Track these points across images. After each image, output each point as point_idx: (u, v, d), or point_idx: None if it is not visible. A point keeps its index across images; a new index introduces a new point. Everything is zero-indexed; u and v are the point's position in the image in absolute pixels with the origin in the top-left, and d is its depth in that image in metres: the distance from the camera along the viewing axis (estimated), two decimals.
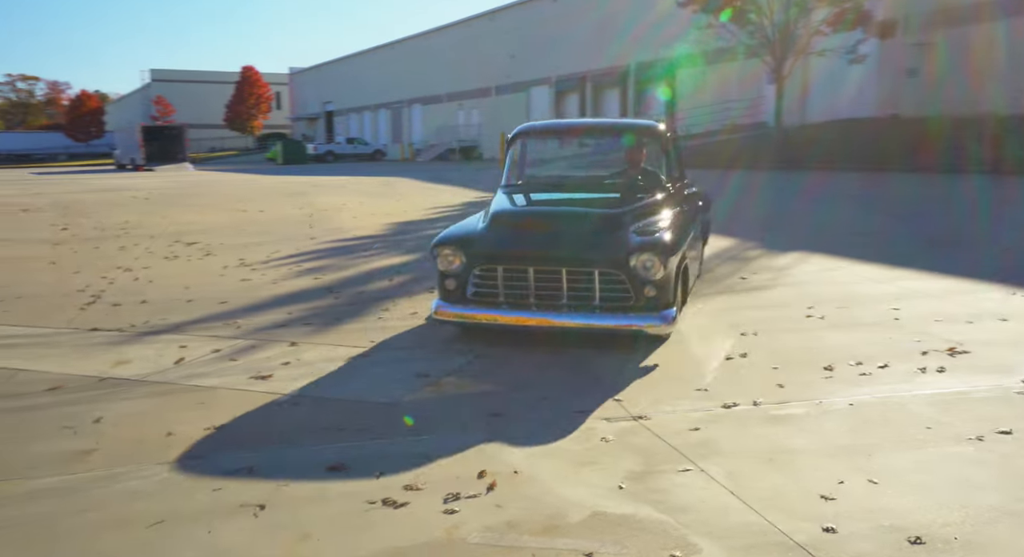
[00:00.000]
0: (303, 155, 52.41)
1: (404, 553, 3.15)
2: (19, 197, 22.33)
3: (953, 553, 3.10)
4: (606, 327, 5.62)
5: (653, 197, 6.51)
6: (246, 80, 76.10)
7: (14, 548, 3.23)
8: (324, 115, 75.93)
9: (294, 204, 18.46)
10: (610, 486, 3.73)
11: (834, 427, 4.40)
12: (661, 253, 5.55)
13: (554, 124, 8.16)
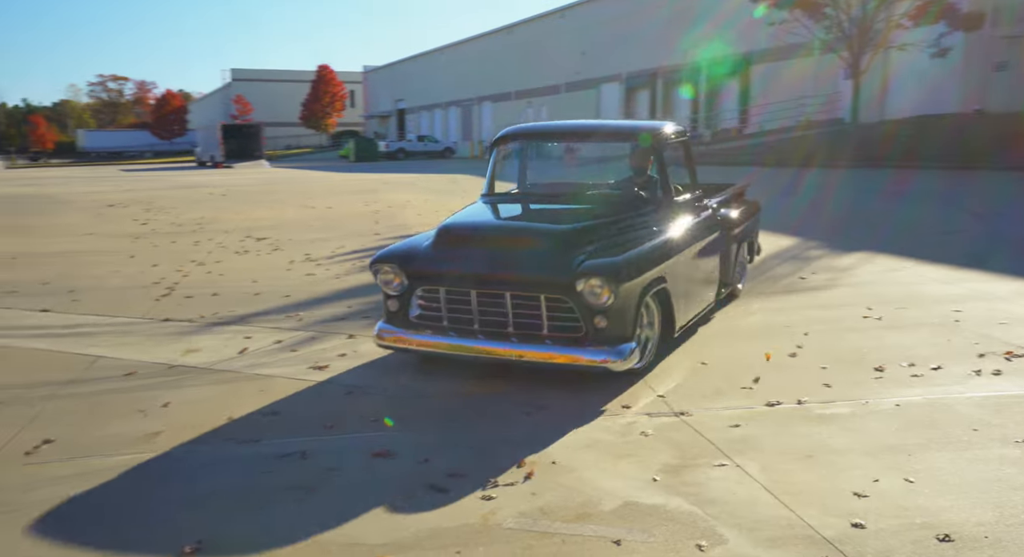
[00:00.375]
0: (375, 152, 53.38)
1: (442, 535, 3.34)
2: (109, 193, 23.42)
3: (982, 551, 3.13)
4: (553, 361, 4.92)
5: (640, 210, 5.76)
6: (321, 79, 77.75)
7: (86, 518, 3.53)
8: (396, 113, 77.08)
9: (362, 201, 18.91)
10: (645, 478, 3.85)
11: (878, 427, 4.42)
12: (610, 278, 4.78)
13: (539, 127, 7.02)
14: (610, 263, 4.89)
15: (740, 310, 7.14)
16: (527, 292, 5.00)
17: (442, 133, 66.70)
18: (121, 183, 29.67)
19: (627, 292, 4.90)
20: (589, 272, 4.80)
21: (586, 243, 5.10)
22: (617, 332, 4.90)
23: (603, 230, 5.34)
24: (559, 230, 5.23)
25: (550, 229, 5.29)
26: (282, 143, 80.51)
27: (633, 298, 4.98)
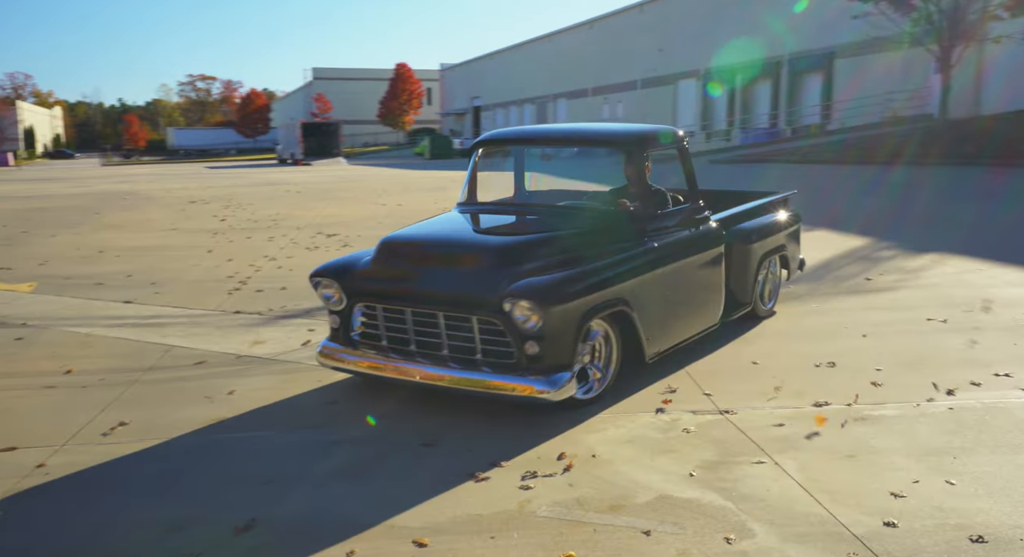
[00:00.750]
0: (449, 150, 54.05)
1: (479, 521, 3.51)
2: (192, 190, 24.43)
3: (1014, 553, 3.14)
4: (485, 388, 4.55)
5: (613, 224, 5.38)
6: (399, 77, 79.07)
7: (151, 494, 3.83)
8: (472, 110, 77.78)
9: (432, 198, 19.26)
10: (682, 473, 3.95)
11: (926, 429, 4.41)
12: (539, 300, 4.38)
13: (515, 132, 6.52)
14: (540, 283, 4.48)
15: (798, 311, 7.12)
16: (459, 313, 4.67)
17: None
18: (204, 180, 30.85)
19: (561, 316, 4.46)
20: (516, 293, 4.41)
21: (528, 260, 4.68)
22: (550, 360, 4.48)
23: (555, 245, 4.90)
24: (494, 245, 4.90)
25: (484, 244, 4.99)
26: (360, 141, 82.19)
27: (570, 323, 4.53)
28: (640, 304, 4.98)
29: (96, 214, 16.60)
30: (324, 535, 3.38)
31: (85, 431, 4.59)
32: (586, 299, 4.62)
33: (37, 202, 19.92)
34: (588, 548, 3.26)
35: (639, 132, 5.83)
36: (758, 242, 6.44)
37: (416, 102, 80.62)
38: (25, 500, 3.76)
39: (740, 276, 6.30)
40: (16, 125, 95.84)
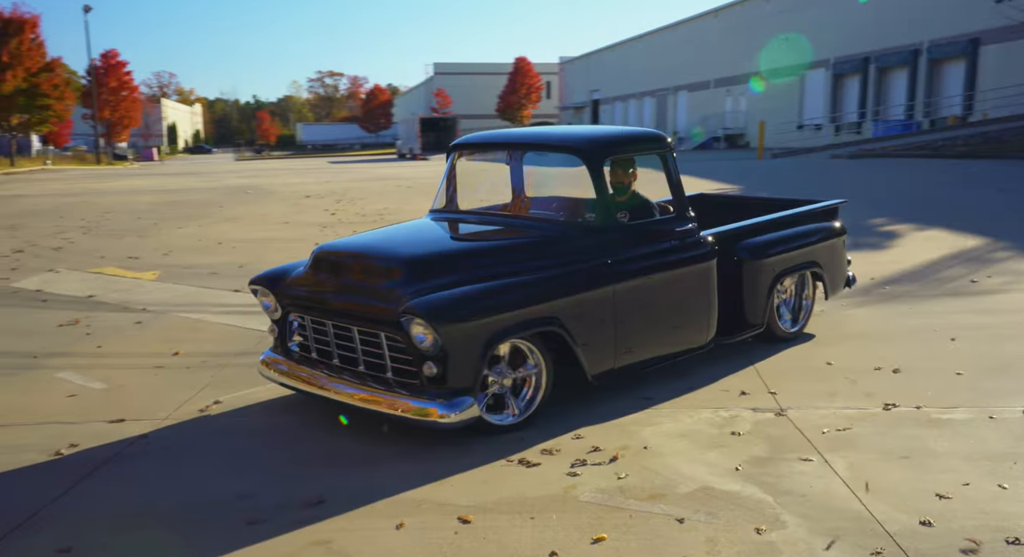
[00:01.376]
0: None
1: (523, 502, 3.77)
2: (309, 185, 25.62)
3: None
4: (389, 408, 4.37)
5: (563, 236, 5.05)
6: (518, 70, 79.91)
7: (234, 467, 4.27)
8: (591, 104, 77.73)
9: None
10: (728, 467, 4.10)
11: (992, 435, 4.39)
12: (432, 317, 4.18)
13: (486, 136, 6.05)
14: (438, 299, 4.28)
15: (890, 312, 7.04)
16: (369, 328, 4.51)
17: (636, 124, 66.52)
18: (323, 175, 32.21)
19: (460, 335, 4.24)
20: (412, 309, 4.23)
21: (440, 273, 4.51)
22: (450, 381, 4.28)
23: (480, 259, 4.78)
24: (404, 257, 4.66)
25: (396, 256, 4.70)
26: None
27: (473, 343, 4.31)
28: (583, 323, 4.74)
29: (220, 207, 17.74)
30: (378, 510, 3.72)
31: (184, 407, 5.12)
32: (495, 318, 4.37)
33: (172, 196, 21.42)
34: (621, 532, 3.47)
35: (599, 136, 5.49)
36: (771, 258, 5.91)
37: (535, 96, 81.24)
38: (126, 465, 4.28)
39: (747, 294, 5.82)
40: (161, 122, 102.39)
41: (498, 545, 3.39)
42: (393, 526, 3.55)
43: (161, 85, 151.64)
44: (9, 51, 44.88)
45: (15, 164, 46.29)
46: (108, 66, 65.78)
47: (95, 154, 58.95)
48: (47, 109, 47.55)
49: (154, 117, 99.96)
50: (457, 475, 4.07)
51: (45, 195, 22.83)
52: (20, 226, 14.88)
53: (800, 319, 6.34)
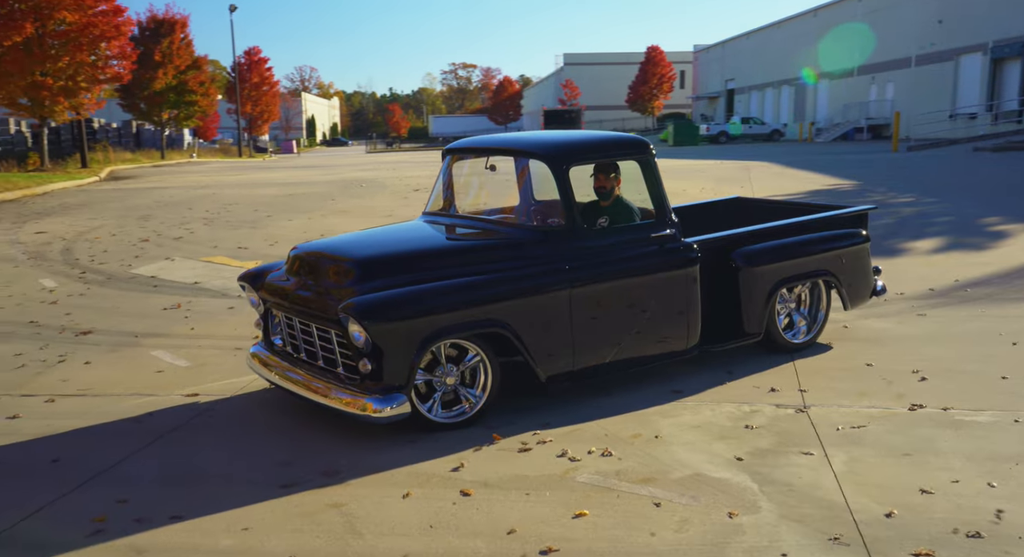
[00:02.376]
0: (694, 136, 53.52)
1: (523, 480, 4.17)
2: (422, 178, 26.53)
3: (1003, 546, 3.32)
4: (334, 401, 4.69)
5: (522, 241, 5.21)
6: (650, 60, 79.26)
7: (276, 440, 4.86)
8: (725, 93, 76.20)
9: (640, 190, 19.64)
10: (729, 457, 4.37)
11: (1008, 437, 4.48)
12: (364, 316, 4.47)
13: (475, 141, 6.29)
14: (373, 300, 4.58)
15: (961, 314, 7.00)
16: (323, 325, 4.84)
17: (773, 114, 64.83)
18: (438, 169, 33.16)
19: (392, 334, 4.53)
20: (348, 308, 4.54)
21: (385, 275, 4.81)
22: (383, 377, 4.57)
23: (434, 261, 5.03)
24: (357, 258, 4.93)
25: (351, 257, 4.96)
26: (608, 127, 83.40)
27: (408, 342, 4.57)
28: (534, 326, 4.93)
29: (332, 200, 18.80)
30: (391, 481, 4.21)
31: (251, 385, 5.77)
32: (430, 318, 4.63)
33: (292, 189, 22.79)
34: (602, 509, 3.83)
35: (565, 142, 5.60)
36: (768, 265, 5.84)
37: (667, 86, 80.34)
38: (190, 433, 4.95)
39: (743, 302, 5.80)
40: (301, 115, 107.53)
41: (487, 515, 3.81)
42: (401, 495, 4.03)
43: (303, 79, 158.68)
44: (161, 50, 48.43)
45: (165, 157, 49.87)
46: (251, 62, 69.71)
47: (237, 147, 62.63)
48: (193, 105, 51.02)
49: (294, 111, 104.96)
50: (470, 454, 4.50)
51: (181, 187, 24.74)
52: (151, 217, 16.35)
53: (813, 329, 6.23)
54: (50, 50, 31.47)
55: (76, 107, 33.37)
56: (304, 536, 3.66)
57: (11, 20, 30.06)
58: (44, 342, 7.04)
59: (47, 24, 31.26)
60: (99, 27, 32.02)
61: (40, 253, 12.00)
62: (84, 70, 32.33)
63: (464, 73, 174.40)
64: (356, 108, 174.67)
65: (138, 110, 50.27)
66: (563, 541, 3.55)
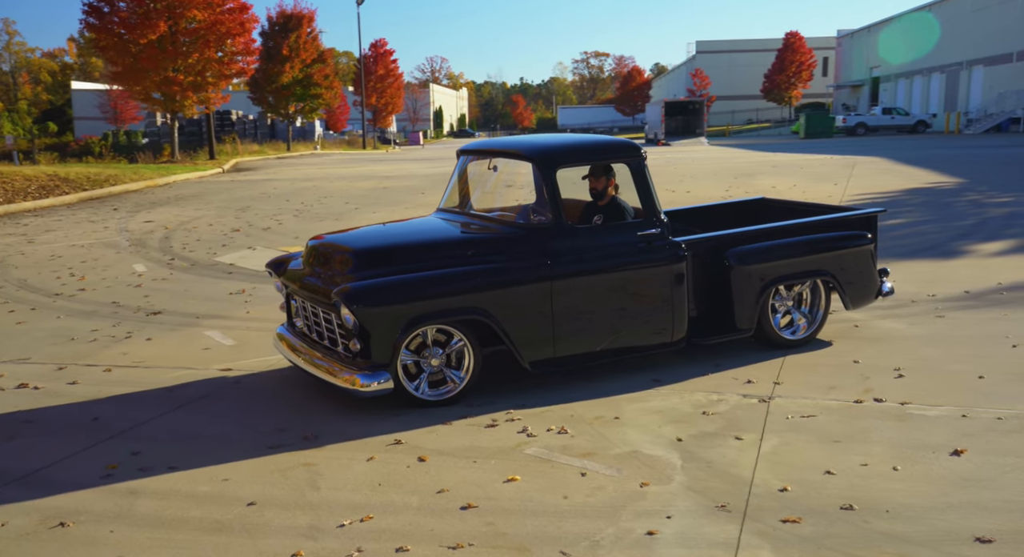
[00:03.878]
0: (829, 128, 52.05)
1: (477, 450, 4.81)
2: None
3: (871, 518, 3.76)
4: (332, 376, 5.45)
5: (509, 237, 5.87)
6: (788, 47, 77.37)
7: (274, 407, 5.65)
8: (869, 81, 73.51)
9: (725, 186, 19.61)
10: (671, 438, 4.87)
11: (944, 430, 4.82)
12: (352, 300, 5.20)
13: (484, 143, 6.97)
14: (362, 286, 5.31)
15: (979, 317, 7.18)
16: (326, 309, 5.59)
17: (921, 104, 62.19)
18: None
19: (378, 318, 5.24)
20: (340, 293, 5.28)
21: (380, 265, 5.54)
22: (368, 355, 5.28)
23: (426, 253, 5.73)
24: (356, 250, 5.68)
25: (352, 248, 5.71)
26: (742, 117, 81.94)
27: (392, 325, 5.27)
28: (516, 315, 5.54)
29: (421, 194, 19.76)
30: (360, 446, 4.92)
31: (277, 364, 6.61)
32: (414, 305, 5.33)
33: (390, 182, 23.95)
34: (533, 476, 4.43)
35: (554, 146, 6.16)
36: (760, 264, 6.23)
37: (806, 74, 78.22)
38: (212, 401, 5.82)
39: (735, 298, 6.19)
40: (428, 106, 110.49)
41: (431, 478, 4.47)
42: (365, 459, 4.74)
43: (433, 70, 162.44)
44: (288, 45, 51.18)
45: (291, 149, 52.70)
46: (377, 55, 72.42)
47: (362, 139, 65.26)
48: (318, 98, 53.66)
49: (422, 102, 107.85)
50: (441, 427, 5.17)
51: (290, 179, 26.38)
52: (249, 208, 17.77)
53: (811, 327, 6.54)
54: (181, 47, 34.04)
55: (204, 101, 35.99)
56: (270, 487, 4.41)
57: (147, 19, 32.74)
58: (119, 320, 8.16)
59: (179, 22, 33.82)
60: (226, 24, 34.40)
61: (142, 241, 13.44)
62: (211, 66, 34.81)
63: (596, 62, 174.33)
64: (485, 99, 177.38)
65: (266, 103, 53.21)
66: (484, 500, 4.17)
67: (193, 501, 4.26)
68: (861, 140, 45.10)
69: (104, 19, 33.34)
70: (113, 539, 3.88)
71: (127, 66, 34.26)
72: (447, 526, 3.91)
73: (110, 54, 34.65)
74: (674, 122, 52.20)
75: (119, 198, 21.22)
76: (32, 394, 6.03)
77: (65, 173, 23.66)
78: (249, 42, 36.15)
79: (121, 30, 33.02)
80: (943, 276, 8.65)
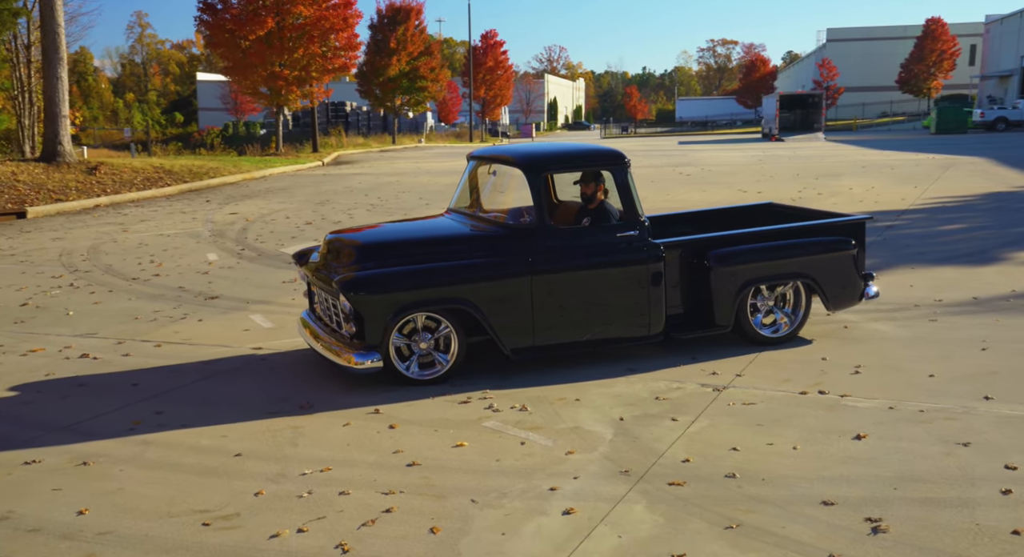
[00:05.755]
0: (963, 123, 50.25)
1: (443, 421, 5.71)
2: None
3: (753, 485, 4.50)
4: (335, 355, 6.41)
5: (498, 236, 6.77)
6: (928, 34, 74.97)
7: (282, 380, 6.69)
8: (1020, 72, 70.39)
9: (798, 187, 19.68)
10: (615, 417, 5.66)
11: (862, 418, 5.50)
12: (347, 289, 6.19)
13: (487, 150, 7.82)
14: (357, 278, 6.28)
15: (974, 322, 7.68)
16: (333, 297, 6.55)
17: None
18: (641, 159, 34.33)
19: (369, 305, 6.21)
20: (339, 283, 6.28)
21: (379, 258, 6.52)
22: (361, 337, 6.27)
23: (421, 248, 6.72)
24: (360, 245, 6.73)
25: (356, 244, 6.75)
26: (874, 111, 79.78)
27: (382, 312, 6.23)
28: (497, 306, 6.43)
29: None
30: (342, 414, 5.90)
31: (297, 343, 7.66)
32: (401, 294, 6.28)
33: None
34: (479, 443, 5.31)
35: (542, 154, 7.10)
36: (738, 266, 6.92)
37: (947, 64, 75.62)
38: (236, 374, 6.93)
39: (714, 297, 6.90)
40: (542, 98, 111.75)
41: (393, 441, 5.41)
42: (342, 424, 5.71)
43: (551, 59, 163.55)
44: (396, 37, 53.23)
45: (396, 141, 54.76)
46: (487, 46, 74.09)
47: (469, 131, 67.02)
48: (423, 91, 55.56)
49: (536, 93, 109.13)
50: (420, 401, 6.10)
51: (379, 173, 27.89)
52: (328, 202, 19.20)
53: (792, 325, 7.20)
54: (287, 43, 36.17)
55: (307, 95, 38.11)
56: (258, 443, 5.44)
57: (256, 16, 34.95)
58: (180, 303, 9.44)
59: (285, 19, 35.95)
60: (330, 20, 36.35)
61: (222, 232, 14.91)
62: (315, 61, 36.83)
63: (723, 50, 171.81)
64: (604, 89, 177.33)
65: (373, 96, 55.41)
66: (429, 460, 5.08)
67: (193, 451, 5.33)
68: (997, 137, 43.61)
69: (216, 16, 35.79)
70: (120, 475, 4.97)
71: (237, 61, 36.70)
72: (388, 478, 4.84)
73: (221, 50, 37.14)
74: (790, 116, 51.60)
75: (215, 190, 23.08)
76: (90, 363, 7.28)
77: (170, 166, 25.77)
78: (352, 37, 38.04)
79: (231, 26, 35.37)
80: (963, 282, 9.05)
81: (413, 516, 4.35)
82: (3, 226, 16.44)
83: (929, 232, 13.09)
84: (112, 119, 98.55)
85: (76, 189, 20.54)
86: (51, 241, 14.30)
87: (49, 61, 22.41)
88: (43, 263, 12.18)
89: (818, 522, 4.11)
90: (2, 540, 4.20)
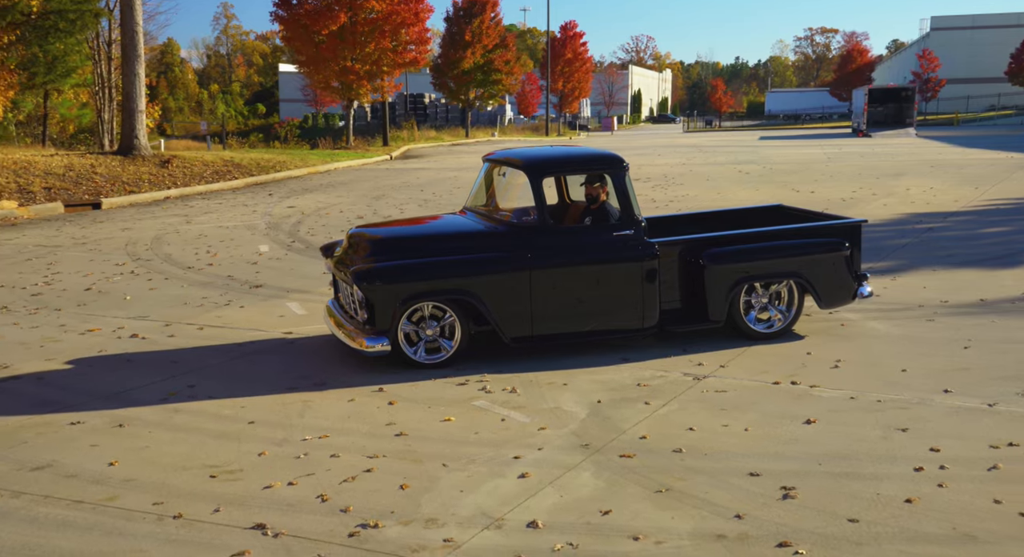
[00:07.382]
0: None
1: (437, 400, 6.53)
2: (670, 166, 28.40)
3: (694, 459, 5.21)
4: (347, 340, 7.32)
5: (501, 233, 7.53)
6: None
7: (300, 362, 7.59)
8: None
9: (853, 187, 19.83)
10: (593, 400, 6.39)
11: (819, 406, 6.16)
12: (359, 279, 7.08)
13: (500, 153, 8.56)
14: (371, 268, 7.17)
15: (968, 324, 8.15)
16: (349, 286, 7.40)
17: None
18: (709, 155, 34.53)
19: (379, 294, 7.05)
20: (353, 273, 7.18)
21: (393, 252, 7.41)
22: (371, 323, 7.12)
23: (431, 243, 7.67)
24: (375, 240, 7.66)
25: (372, 239, 7.67)
26: (981, 104, 77.84)
27: (391, 300, 7.05)
28: (497, 297, 7.22)
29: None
30: (349, 391, 6.77)
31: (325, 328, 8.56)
32: (408, 285, 7.12)
33: None
34: (464, 419, 6.13)
35: (545, 157, 7.98)
36: (730, 264, 7.61)
37: None
38: (261, 355, 7.86)
39: (707, 293, 7.60)
40: (626, 89, 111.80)
41: (388, 415, 6.26)
42: (347, 400, 6.59)
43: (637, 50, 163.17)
44: (471, 30, 54.41)
45: (469, 135, 55.91)
46: (566, 37, 74.78)
47: (546, 124, 67.79)
48: (498, 84, 56.63)
49: (619, 85, 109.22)
50: (423, 382, 6.93)
51: (440, 168, 28.95)
52: (383, 197, 20.26)
53: (785, 321, 7.86)
54: (359, 37, 37.55)
55: (378, 89, 39.48)
56: (270, 414, 6.35)
57: (329, 11, 36.42)
58: (226, 291, 10.48)
59: (358, 13, 37.32)
60: (401, 15, 37.64)
61: (277, 224, 16.04)
62: (386, 55, 38.16)
63: (822, 39, 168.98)
64: (693, 80, 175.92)
65: (447, 89, 56.72)
66: (416, 431, 5.91)
67: (214, 418, 6.27)
68: None
69: (291, 11, 37.38)
70: (148, 436, 5.93)
71: (311, 55, 38.31)
72: (376, 445, 5.69)
73: (296, 44, 38.82)
74: (880, 111, 50.87)
75: (279, 184, 24.39)
76: (139, 342, 8.32)
77: (240, 159, 27.24)
78: (423, 31, 39.31)
79: (306, 21, 36.88)
80: (977, 284, 9.51)
81: (389, 475, 5.18)
82: (79, 216, 17.87)
83: (969, 235, 13.46)
84: (197, 110, 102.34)
85: (149, 181, 22.02)
86: (120, 231, 15.60)
87: (127, 59, 24.03)
88: (110, 251, 13.43)
89: (739, 489, 4.81)
90: (45, 482, 5.18)
